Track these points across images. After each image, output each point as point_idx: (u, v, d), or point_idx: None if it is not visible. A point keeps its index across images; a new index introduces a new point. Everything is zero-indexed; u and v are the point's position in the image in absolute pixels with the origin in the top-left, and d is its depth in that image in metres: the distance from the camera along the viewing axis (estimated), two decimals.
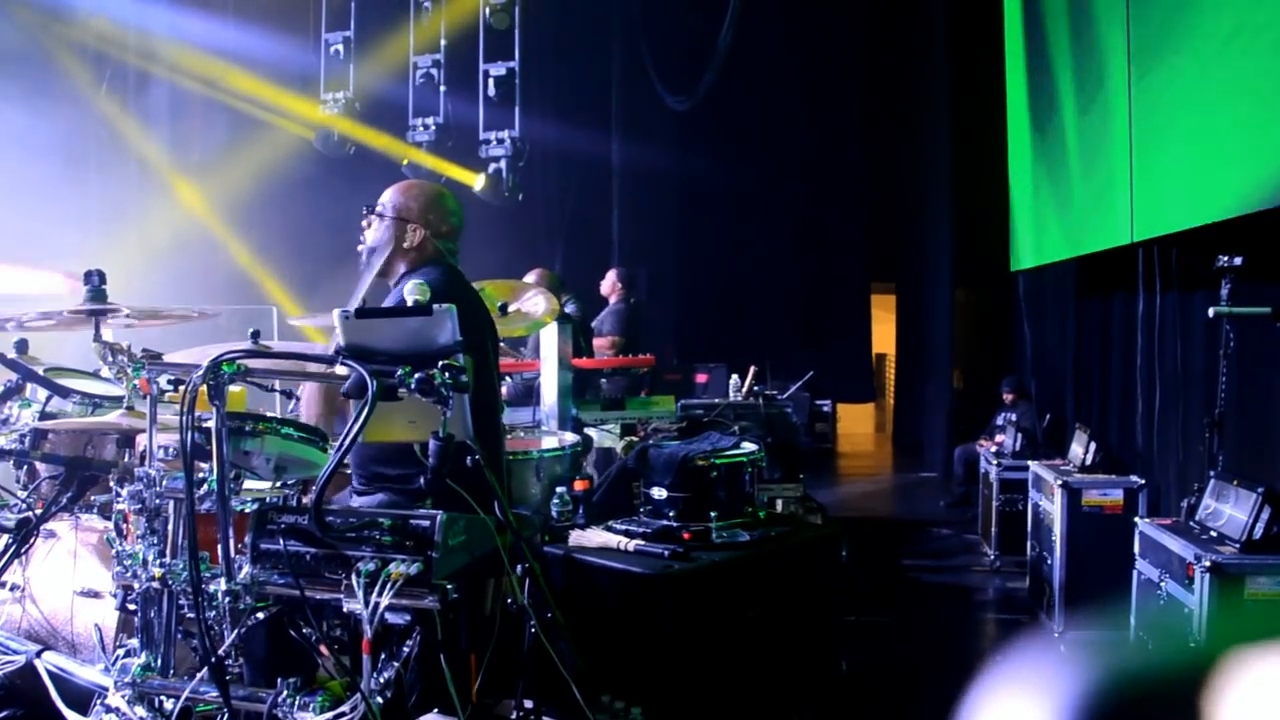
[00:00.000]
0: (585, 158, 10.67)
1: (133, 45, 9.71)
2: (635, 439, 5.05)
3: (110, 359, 2.64)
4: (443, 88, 9.49)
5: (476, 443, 2.34)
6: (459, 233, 3.26)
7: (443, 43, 9.57)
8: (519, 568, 2.56)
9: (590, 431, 5.02)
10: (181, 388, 2.46)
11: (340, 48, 9.69)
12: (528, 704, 2.94)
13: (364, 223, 3.23)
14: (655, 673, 3.38)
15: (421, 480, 2.50)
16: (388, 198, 3.24)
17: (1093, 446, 5.53)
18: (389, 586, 2.20)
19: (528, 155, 9.50)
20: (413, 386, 2.15)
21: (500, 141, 9.44)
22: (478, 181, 9.37)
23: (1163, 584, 3.98)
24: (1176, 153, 5.22)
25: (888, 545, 7.65)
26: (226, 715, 2.36)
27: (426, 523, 2.27)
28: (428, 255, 3.16)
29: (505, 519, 2.48)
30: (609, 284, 7.84)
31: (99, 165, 9.08)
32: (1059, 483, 5.22)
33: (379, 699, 2.30)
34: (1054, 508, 5.29)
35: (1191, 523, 4.04)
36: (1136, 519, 4.41)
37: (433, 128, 9.44)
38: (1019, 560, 6.24)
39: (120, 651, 2.63)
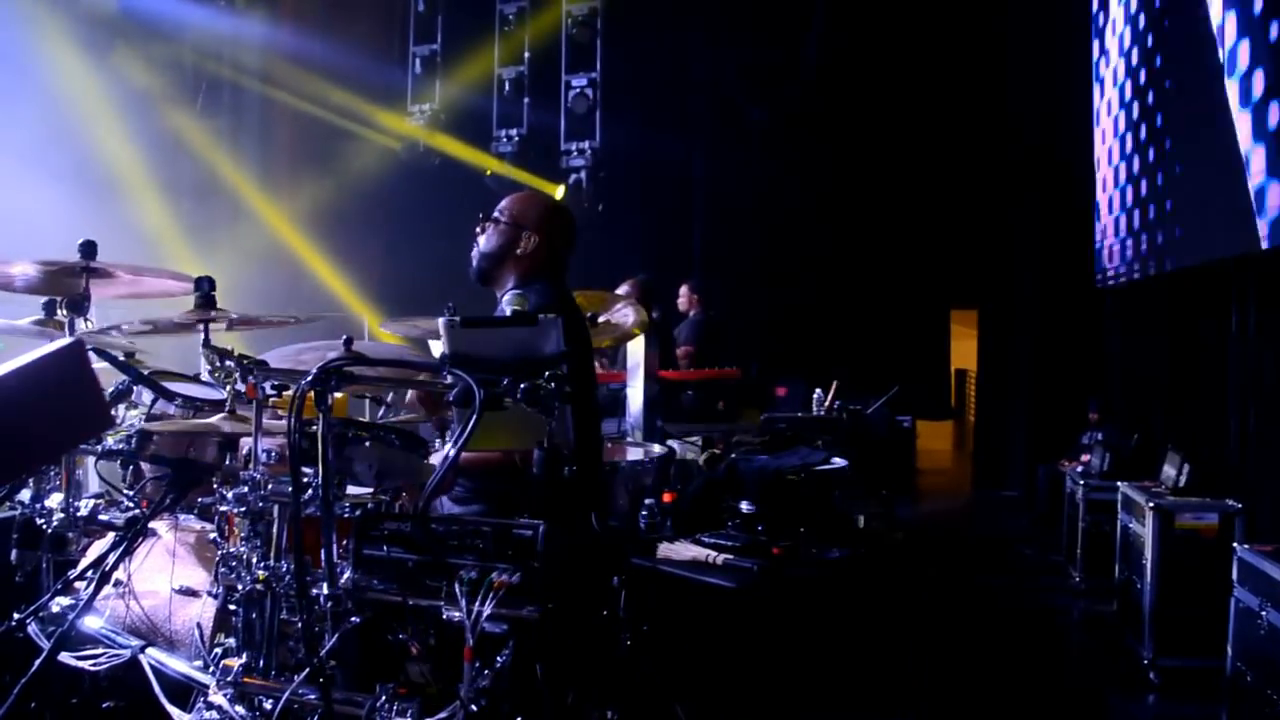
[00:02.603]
0: (666, 169, 10.67)
1: (227, 59, 9.97)
2: (716, 451, 5.03)
3: (219, 363, 2.70)
4: (526, 99, 9.59)
5: (579, 455, 2.35)
6: (572, 247, 3.25)
7: (526, 55, 9.68)
8: (616, 579, 2.56)
9: (672, 443, 5.01)
10: (287, 393, 2.50)
11: (427, 60, 9.84)
12: (610, 715, 2.93)
13: (478, 229, 3.22)
14: (741, 687, 3.36)
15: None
16: (505, 204, 3.24)
17: (1186, 468, 5.37)
18: (491, 596, 2.21)
19: (609, 166, 9.54)
20: (519, 396, 2.16)
21: (581, 152, 9.52)
22: (558, 192, 9.44)
23: (1264, 613, 3.86)
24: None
25: (970, 564, 7.53)
26: (317, 718, 2.38)
27: (529, 532, 2.28)
28: (538, 266, 3.15)
29: (604, 530, 2.49)
30: (684, 298, 7.88)
31: (193, 176, 9.32)
32: (1151, 505, 5.09)
33: (473, 706, 2.31)
34: (1145, 530, 5.16)
35: None
36: (1235, 545, 4.28)
37: (516, 139, 9.54)
38: (1105, 583, 6.10)
39: (218, 650, 2.68)
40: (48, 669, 2.65)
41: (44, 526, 3.19)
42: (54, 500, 3.24)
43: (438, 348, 3.64)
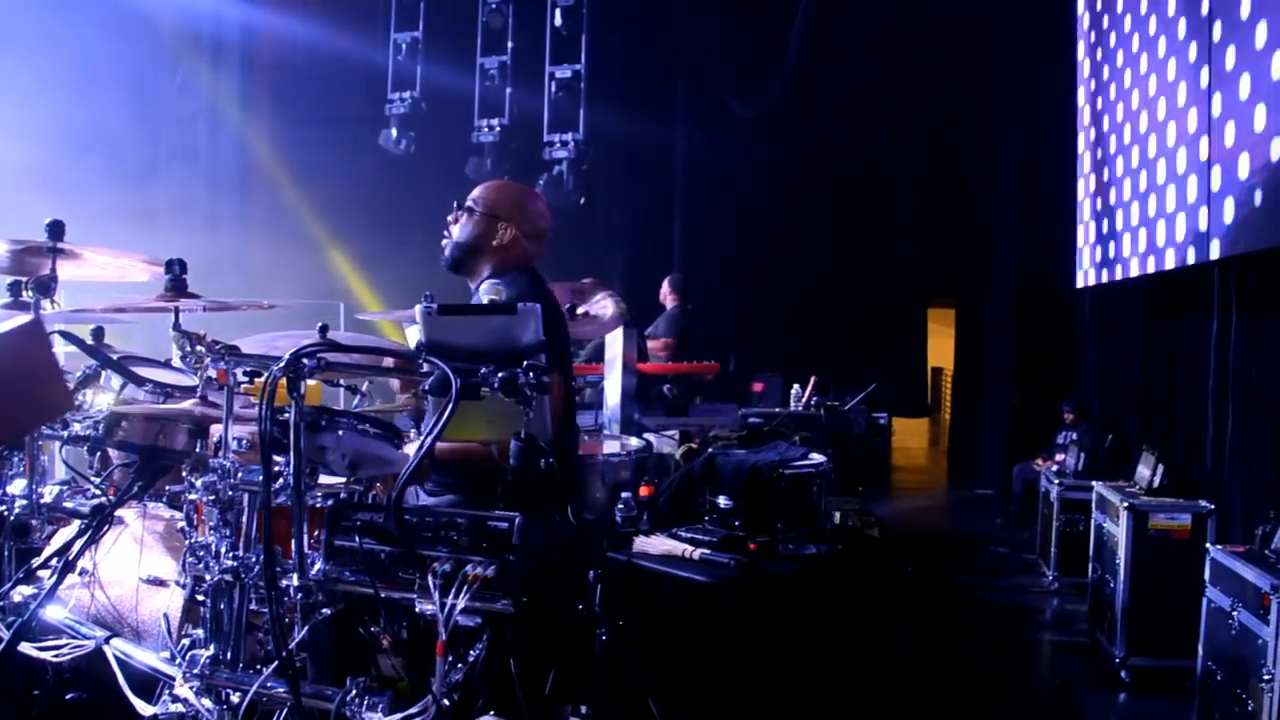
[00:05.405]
0: (648, 161, 10.64)
1: (207, 42, 9.88)
2: (693, 445, 5.01)
3: (189, 348, 2.65)
4: (508, 89, 9.54)
5: (558, 447, 2.31)
6: (546, 237, 3.21)
7: (510, 44, 9.61)
8: (591, 573, 2.53)
9: (649, 437, 4.99)
10: (259, 380, 2.45)
11: (409, 47, 9.77)
12: (584, 710, 2.91)
13: (450, 218, 3.18)
14: (715, 683, 3.34)
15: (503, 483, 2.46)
16: (479, 193, 3.19)
17: (1160, 469, 5.39)
18: (465, 588, 2.18)
19: (591, 158, 9.51)
20: (496, 385, 2.12)
21: (564, 144, 9.46)
22: (539, 184, 9.39)
23: (1235, 613, 3.87)
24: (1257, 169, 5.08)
25: (944, 562, 7.55)
26: (286, 712, 2.34)
27: (504, 524, 2.25)
28: (514, 257, 3.12)
29: (579, 523, 2.45)
30: (665, 291, 7.88)
31: (168, 158, 9.23)
32: (1125, 505, 5.10)
33: (445, 701, 2.27)
34: (1119, 530, 5.17)
35: (1267, 551, 3.92)
36: (1208, 545, 4.29)
37: (498, 129, 9.49)
38: (1078, 582, 6.12)
39: (186, 641, 2.63)
40: (8, 659, 2.60)
41: (6, 513, 3.13)
42: (17, 486, 3.17)
43: (414, 335, 3.60)
